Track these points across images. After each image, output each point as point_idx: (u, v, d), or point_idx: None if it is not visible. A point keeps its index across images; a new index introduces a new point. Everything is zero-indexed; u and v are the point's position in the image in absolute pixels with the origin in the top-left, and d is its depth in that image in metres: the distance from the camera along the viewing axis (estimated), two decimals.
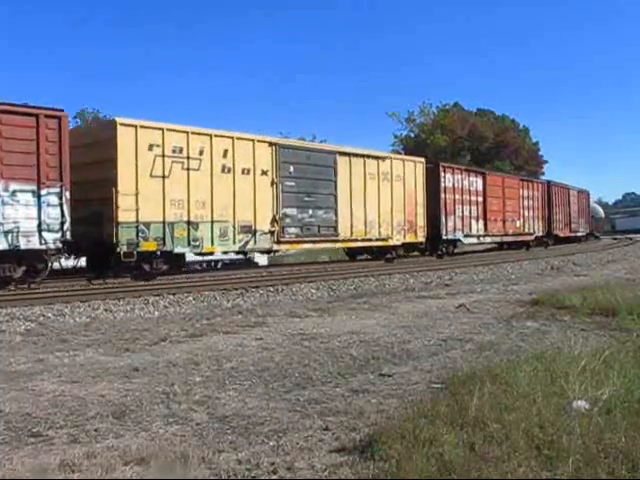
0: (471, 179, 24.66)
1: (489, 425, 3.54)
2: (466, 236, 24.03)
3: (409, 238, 20.77)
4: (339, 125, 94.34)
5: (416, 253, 22.41)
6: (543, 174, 57.63)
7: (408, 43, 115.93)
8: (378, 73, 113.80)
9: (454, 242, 23.72)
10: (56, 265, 12.88)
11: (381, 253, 20.26)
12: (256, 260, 21.90)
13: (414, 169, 21.20)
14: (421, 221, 21.19)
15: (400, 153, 46.78)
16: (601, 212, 54.57)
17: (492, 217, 25.84)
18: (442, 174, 22.65)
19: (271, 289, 12.85)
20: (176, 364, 5.93)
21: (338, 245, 19.34)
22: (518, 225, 28.35)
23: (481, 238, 25.50)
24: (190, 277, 15.11)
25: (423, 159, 22.46)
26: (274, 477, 3.20)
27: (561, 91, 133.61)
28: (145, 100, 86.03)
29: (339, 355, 6.26)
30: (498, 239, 27.53)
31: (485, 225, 25.27)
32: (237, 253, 16.93)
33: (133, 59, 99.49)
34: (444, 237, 22.51)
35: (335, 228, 18.05)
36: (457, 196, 23.27)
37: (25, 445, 3.73)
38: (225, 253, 17.16)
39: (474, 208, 24.46)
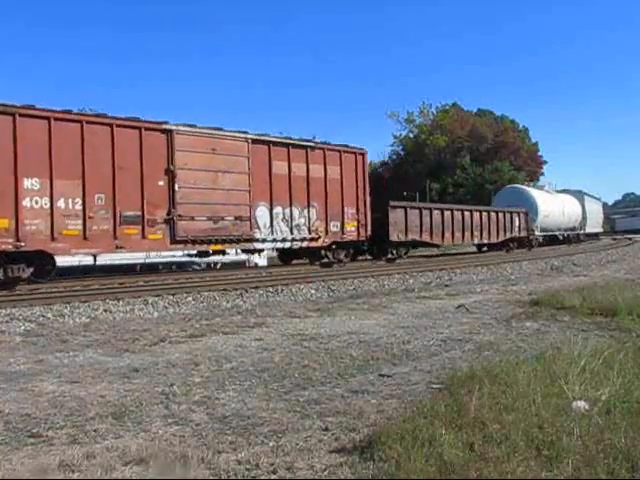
0: None
1: (488, 425, 3.54)
2: None
3: None
4: (339, 125, 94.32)
5: None
6: (543, 174, 57.69)
7: (407, 40, 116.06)
8: (378, 73, 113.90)
9: None
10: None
11: None
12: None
13: None
14: None
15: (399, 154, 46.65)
16: (550, 200, 36.07)
17: None
18: None
19: (271, 290, 12.85)
20: (176, 364, 5.93)
21: None
22: None
23: None
24: (190, 277, 15.11)
25: None
26: (274, 477, 3.20)
27: (561, 91, 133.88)
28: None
29: (339, 355, 6.26)
30: None
31: None
32: None
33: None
34: None
35: None
36: None
37: (25, 445, 3.73)
38: None
39: None
